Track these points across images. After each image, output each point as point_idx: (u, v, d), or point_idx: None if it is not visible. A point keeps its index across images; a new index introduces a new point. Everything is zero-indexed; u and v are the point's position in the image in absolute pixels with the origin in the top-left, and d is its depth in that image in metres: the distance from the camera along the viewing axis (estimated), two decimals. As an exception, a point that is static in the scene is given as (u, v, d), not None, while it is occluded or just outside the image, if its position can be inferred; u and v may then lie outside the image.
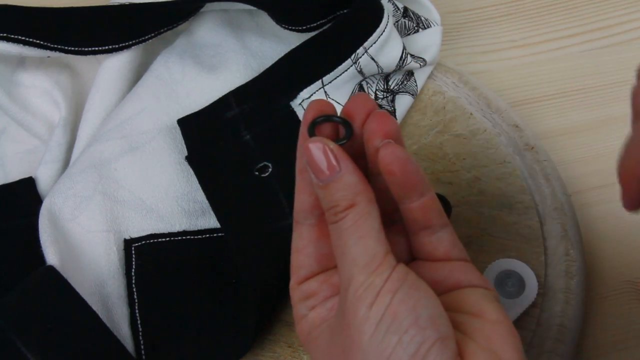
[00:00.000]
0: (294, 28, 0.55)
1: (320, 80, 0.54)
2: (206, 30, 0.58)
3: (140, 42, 0.55)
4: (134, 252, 0.50)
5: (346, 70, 0.54)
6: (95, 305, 0.46)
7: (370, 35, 0.53)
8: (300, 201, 0.37)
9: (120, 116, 0.53)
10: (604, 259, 0.53)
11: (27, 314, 0.44)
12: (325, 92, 0.54)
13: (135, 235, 0.50)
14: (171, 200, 0.51)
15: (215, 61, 0.57)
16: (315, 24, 0.55)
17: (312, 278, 0.37)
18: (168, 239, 0.51)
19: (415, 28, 0.59)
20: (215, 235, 0.51)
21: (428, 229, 0.36)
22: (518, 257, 0.50)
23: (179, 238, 0.51)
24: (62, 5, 0.55)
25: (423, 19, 0.59)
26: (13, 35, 0.51)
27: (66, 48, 0.53)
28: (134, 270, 0.49)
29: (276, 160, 0.51)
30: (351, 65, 0.53)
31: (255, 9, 0.56)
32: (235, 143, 0.52)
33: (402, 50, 0.54)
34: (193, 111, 0.53)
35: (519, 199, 0.53)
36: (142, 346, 0.48)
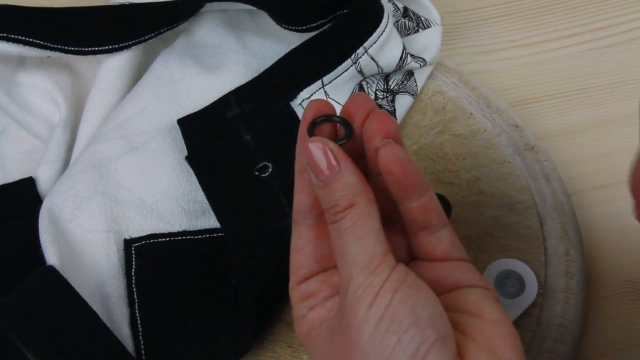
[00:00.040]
0: (294, 28, 0.55)
1: (320, 80, 0.54)
2: (206, 30, 0.58)
3: (140, 42, 0.55)
4: (134, 252, 0.50)
5: (346, 70, 0.54)
6: (95, 305, 0.46)
7: (370, 35, 0.53)
8: (299, 201, 0.37)
9: (120, 116, 0.53)
10: (604, 259, 0.53)
11: (27, 314, 0.44)
12: (325, 92, 0.54)
13: (135, 235, 0.50)
14: (171, 200, 0.51)
15: (215, 61, 0.57)
16: (315, 24, 0.55)
17: (312, 278, 0.37)
18: (168, 239, 0.51)
19: (415, 28, 0.59)
20: (215, 235, 0.51)
21: (427, 229, 0.36)
22: (518, 257, 0.50)
23: (179, 238, 0.51)
24: (62, 5, 0.55)
25: (423, 19, 0.59)
26: (13, 35, 0.51)
27: (66, 48, 0.53)
28: (134, 270, 0.49)
29: (276, 160, 0.51)
30: (351, 65, 0.53)
31: (255, 9, 0.56)
32: (235, 143, 0.52)
33: (402, 50, 0.54)
34: (193, 111, 0.53)
35: (519, 199, 0.53)
36: (142, 346, 0.48)
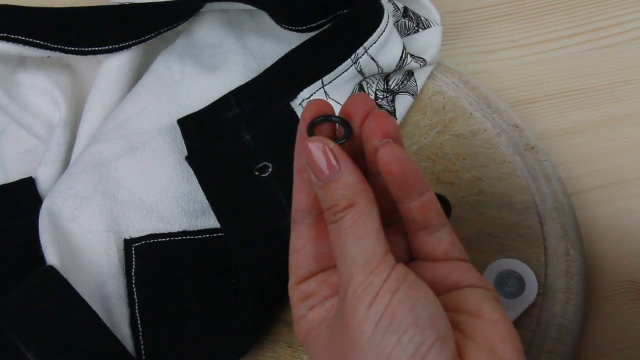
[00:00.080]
0: (294, 28, 0.55)
1: (320, 80, 0.54)
2: (206, 30, 0.58)
3: (140, 42, 0.55)
4: (134, 252, 0.50)
5: (346, 70, 0.54)
6: (95, 305, 0.46)
7: (370, 35, 0.53)
8: (299, 201, 0.37)
9: (120, 116, 0.53)
10: (604, 259, 0.53)
11: (27, 314, 0.44)
12: (325, 92, 0.54)
13: (135, 235, 0.50)
14: (171, 200, 0.51)
15: (215, 61, 0.57)
16: (315, 24, 0.55)
17: (311, 278, 0.37)
18: (168, 239, 0.51)
19: (415, 28, 0.59)
20: (215, 235, 0.51)
21: (427, 229, 0.36)
22: (518, 257, 0.50)
23: (179, 238, 0.51)
24: (62, 5, 0.55)
25: (423, 19, 0.59)
26: (13, 35, 0.51)
27: (66, 48, 0.53)
28: (134, 270, 0.49)
29: (276, 160, 0.51)
30: (351, 65, 0.53)
31: (255, 9, 0.56)
32: (235, 143, 0.52)
33: (402, 50, 0.54)
34: (193, 111, 0.53)
35: (519, 199, 0.53)
36: (142, 346, 0.48)
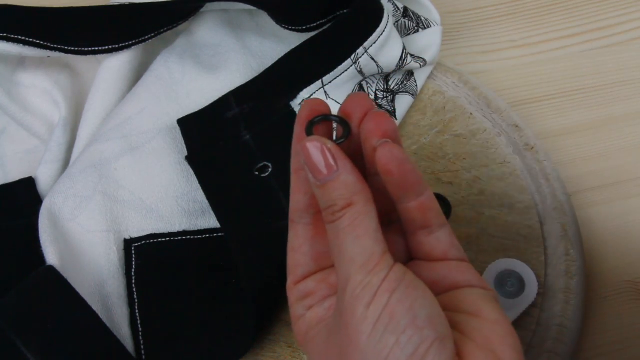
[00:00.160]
0: (294, 28, 0.55)
1: (320, 80, 0.54)
2: (206, 30, 0.59)
3: (140, 42, 0.55)
4: (134, 252, 0.50)
5: (346, 70, 0.54)
6: (95, 305, 0.46)
7: (370, 35, 0.53)
8: (296, 201, 0.37)
9: (120, 116, 0.53)
10: (604, 259, 0.53)
11: (27, 314, 0.45)
12: (325, 92, 0.54)
13: (135, 235, 0.50)
14: (171, 200, 0.51)
15: (215, 61, 0.57)
16: (315, 24, 0.55)
17: (310, 277, 0.37)
18: (168, 239, 0.51)
19: (415, 28, 0.59)
20: (215, 235, 0.51)
21: (426, 229, 0.36)
22: (518, 257, 0.50)
23: (179, 238, 0.51)
24: (62, 5, 0.55)
25: (423, 19, 0.59)
26: (13, 35, 0.51)
27: (66, 48, 0.53)
28: (134, 270, 0.49)
29: (276, 160, 0.51)
30: (351, 65, 0.53)
31: (255, 9, 0.56)
32: (235, 143, 0.52)
33: (402, 50, 0.54)
34: (193, 111, 0.53)
35: (519, 199, 0.53)
36: (142, 346, 0.48)
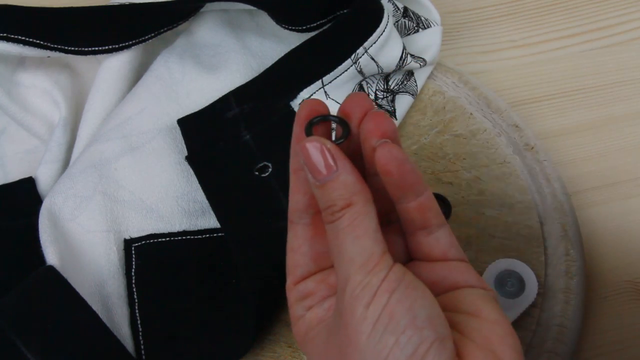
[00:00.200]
0: (294, 28, 0.55)
1: (320, 80, 0.54)
2: (206, 30, 0.59)
3: (140, 42, 0.55)
4: (134, 252, 0.50)
5: (346, 70, 0.54)
6: (95, 305, 0.46)
7: (370, 35, 0.53)
8: (295, 201, 0.37)
9: (120, 116, 0.53)
10: (604, 259, 0.53)
11: (27, 314, 0.45)
12: (325, 92, 0.54)
13: (135, 235, 0.50)
14: (171, 200, 0.51)
15: (215, 61, 0.57)
16: (315, 24, 0.55)
17: (309, 278, 0.37)
18: (168, 239, 0.51)
19: (415, 28, 0.59)
20: (215, 235, 0.51)
21: (425, 229, 0.36)
22: (518, 257, 0.50)
23: (179, 238, 0.51)
24: (62, 5, 0.55)
25: (423, 19, 0.59)
26: (13, 35, 0.51)
27: (66, 48, 0.53)
28: (134, 270, 0.49)
29: (276, 160, 0.51)
30: (351, 65, 0.53)
31: (255, 9, 0.56)
32: (235, 143, 0.52)
33: (402, 50, 0.54)
34: (193, 111, 0.53)
35: (519, 199, 0.53)
36: (142, 346, 0.48)
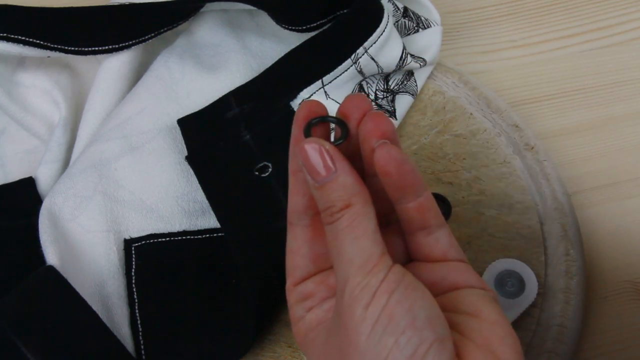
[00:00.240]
0: (294, 28, 0.55)
1: (320, 80, 0.54)
2: (206, 30, 0.59)
3: (140, 42, 0.55)
4: (134, 252, 0.50)
5: (346, 70, 0.54)
6: (95, 305, 0.46)
7: (370, 35, 0.53)
8: (294, 202, 0.37)
9: (120, 116, 0.53)
10: (604, 259, 0.53)
11: (27, 314, 0.45)
12: (325, 92, 0.54)
13: (135, 235, 0.50)
14: (171, 200, 0.51)
15: (215, 61, 0.57)
16: (315, 24, 0.55)
17: (309, 279, 0.37)
18: (168, 239, 0.51)
19: (415, 28, 0.59)
20: (215, 235, 0.51)
21: (425, 230, 0.36)
22: (518, 257, 0.50)
23: (179, 238, 0.51)
24: (62, 5, 0.55)
25: (423, 19, 0.59)
26: (13, 35, 0.51)
27: (66, 48, 0.53)
28: (134, 270, 0.49)
29: (276, 160, 0.51)
30: (351, 65, 0.53)
31: (255, 9, 0.56)
32: (235, 143, 0.52)
33: (402, 50, 0.54)
34: (193, 111, 0.53)
35: (519, 199, 0.53)
36: (142, 346, 0.48)
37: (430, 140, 0.56)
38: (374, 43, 0.53)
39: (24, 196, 0.53)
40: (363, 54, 0.53)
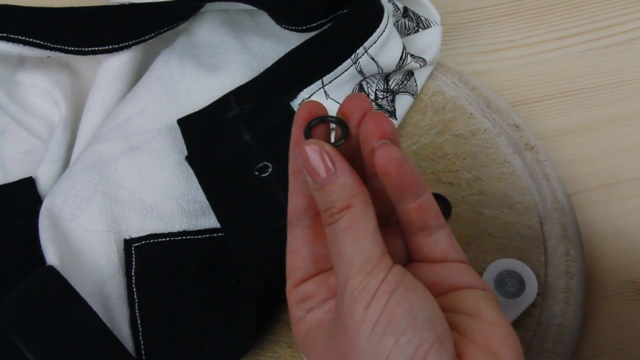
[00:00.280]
0: (294, 28, 0.55)
1: (320, 80, 0.54)
2: (206, 30, 0.58)
3: (140, 42, 0.55)
4: (134, 252, 0.50)
5: (346, 70, 0.54)
6: (95, 305, 0.46)
7: (370, 35, 0.53)
8: (294, 203, 0.37)
9: (120, 116, 0.53)
10: (604, 259, 0.53)
11: (27, 314, 0.45)
12: (325, 92, 0.54)
13: (135, 235, 0.50)
14: (171, 200, 0.51)
15: (215, 61, 0.57)
16: (315, 24, 0.55)
17: (309, 280, 0.37)
18: (168, 239, 0.51)
19: (415, 28, 0.59)
20: (215, 235, 0.51)
21: (425, 230, 0.36)
22: (518, 257, 0.50)
23: (179, 238, 0.51)
24: (62, 5, 0.55)
25: (423, 19, 0.59)
26: (13, 35, 0.51)
27: (66, 48, 0.53)
28: (134, 270, 0.49)
29: (276, 160, 0.51)
30: (351, 65, 0.53)
31: (255, 9, 0.56)
32: (235, 143, 0.52)
33: (402, 50, 0.54)
34: (193, 111, 0.53)
35: (519, 199, 0.53)
36: (142, 346, 0.48)
37: (430, 140, 0.56)
38: (374, 43, 0.53)
39: (24, 196, 0.53)
40: (363, 54, 0.53)
